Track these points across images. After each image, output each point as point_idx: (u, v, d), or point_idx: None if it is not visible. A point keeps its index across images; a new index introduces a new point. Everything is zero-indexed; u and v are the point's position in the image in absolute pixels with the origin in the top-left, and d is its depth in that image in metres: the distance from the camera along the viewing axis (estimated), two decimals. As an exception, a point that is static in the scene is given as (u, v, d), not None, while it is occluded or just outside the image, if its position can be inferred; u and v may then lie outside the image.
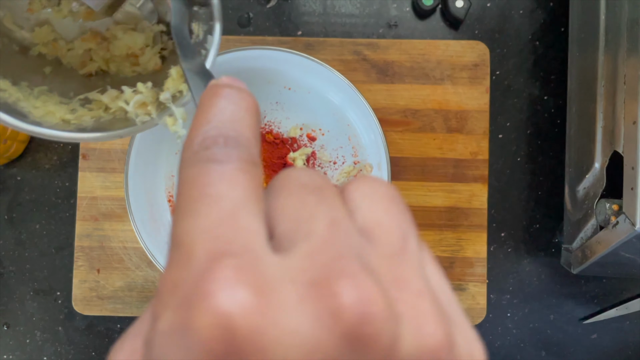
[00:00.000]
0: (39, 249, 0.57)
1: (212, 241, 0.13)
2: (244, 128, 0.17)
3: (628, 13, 0.43)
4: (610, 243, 0.43)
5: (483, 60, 0.57)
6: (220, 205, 0.14)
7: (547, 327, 0.58)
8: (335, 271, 0.13)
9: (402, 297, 0.14)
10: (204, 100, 0.17)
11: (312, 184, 0.16)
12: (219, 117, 0.17)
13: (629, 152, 0.41)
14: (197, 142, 0.16)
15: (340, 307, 0.13)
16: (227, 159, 0.15)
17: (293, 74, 0.53)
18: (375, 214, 0.16)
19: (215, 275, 0.13)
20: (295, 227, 0.15)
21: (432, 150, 0.56)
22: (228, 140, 0.16)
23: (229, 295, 0.12)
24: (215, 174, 0.15)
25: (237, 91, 0.18)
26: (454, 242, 0.56)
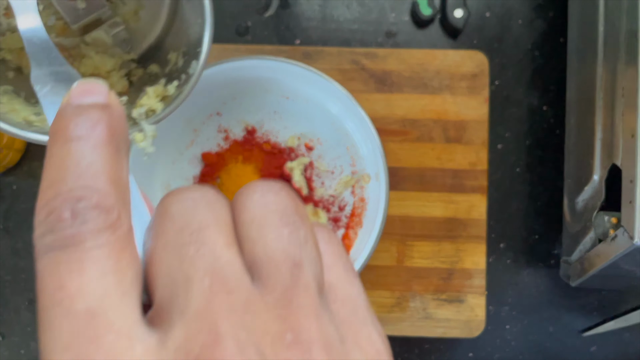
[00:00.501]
0: (34, 258, 0.57)
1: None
2: (93, 179, 0.14)
3: (626, 25, 0.42)
4: (608, 256, 0.43)
5: (482, 70, 0.56)
6: (72, 314, 0.13)
7: (546, 339, 0.58)
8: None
9: (289, 356, 0.13)
10: (47, 146, 0.15)
11: (192, 223, 0.14)
12: (61, 173, 0.14)
13: (628, 165, 0.40)
14: (40, 218, 0.14)
15: None
16: (73, 240, 0.13)
17: (291, 84, 0.53)
18: (265, 245, 0.15)
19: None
20: (170, 297, 0.14)
21: (431, 160, 0.56)
22: (74, 212, 0.14)
23: None
24: (62, 267, 0.13)
25: (83, 118, 0.15)
26: (453, 253, 0.55)
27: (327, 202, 0.54)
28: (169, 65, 0.40)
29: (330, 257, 0.17)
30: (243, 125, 0.55)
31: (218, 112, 0.55)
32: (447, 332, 0.55)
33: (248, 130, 0.55)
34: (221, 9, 0.58)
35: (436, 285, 0.55)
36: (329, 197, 0.54)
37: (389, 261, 0.55)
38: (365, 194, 0.54)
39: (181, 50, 0.39)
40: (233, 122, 0.55)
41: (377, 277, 0.55)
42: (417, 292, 0.55)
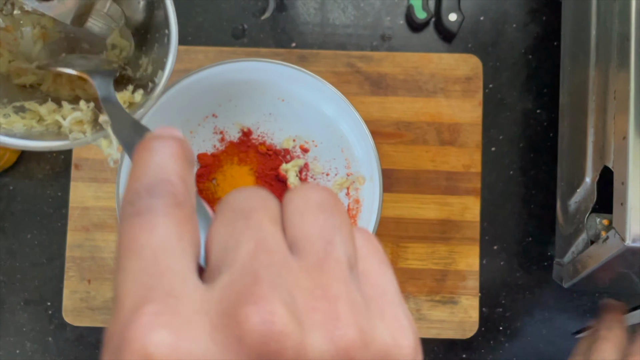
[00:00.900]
0: (30, 259, 0.57)
1: (136, 291, 0.15)
2: (167, 174, 0.18)
3: (618, 28, 0.43)
4: (600, 258, 0.43)
5: (476, 73, 0.57)
6: (141, 256, 0.16)
7: (539, 341, 0.58)
8: (244, 298, 0.15)
9: (317, 306, 0.16)
10: (134, 157, 0.19)
11: (245, 207, 0.18)
12: (144, 170, 0.18)
13: (619, 167, 0.41)
14: (126, 200, 0.18)
15: (243, 333, 0.14)
16: (148, 209, 0.17)
17: (286, 86, 0.54)
18: (304, 226, 0.17)
19: (136, 324, 0.15)
20: (222, 256, 0.17)
21: (425, 162, 0.56)
22: (150, 191, 0.17)
23: (148, 339, 0.14)
24: (137, 227, 0.17)
25: (163, 141, 0.19)
26: (446, 254, 0.56)
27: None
28: (139, 70, 0.40)
29: (367, 250, 0.19)
30: (239, 127, 0.55)
31: (214, 113, 0.55)
32: (440, 333, 0.55)
33: (244, 132, 0.55)
34: (218, 11, 0.59)
35: (430, 287, 0.55)
36: (324, 199, 0.54)
37: (383, 263, 0.55)
38: (360, 195, 0.54)
39: (151, 57, 0.39)
40: (229, 123, 0.55)
41: (372, 279, 0.55)
42: (411, 293, 0.55)
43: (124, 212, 0.17)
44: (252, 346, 0.14)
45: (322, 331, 0.15)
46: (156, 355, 0.14)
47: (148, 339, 0.14)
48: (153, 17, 0.39)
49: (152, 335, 0.14)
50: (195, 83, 0.50)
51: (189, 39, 0.58)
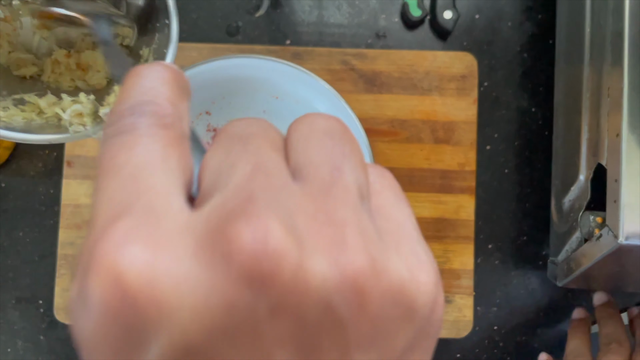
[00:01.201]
0: (21, 256, 0.57)
1: (111, 208, 0.13)
2: (154, 96, 0.16)
3: (612, 26, 0.43)
4: (594, 256, 0.43)
5: (471, 71, 0.57)
6: (120, 175, 0.14)
7: (534, 340, 0.58)
8: (235, 215, 0.13)
9: (320, 230, 0.13)
10: (125, 82, 0.17)
11: (242, 133, 0.16)
12: (129, 93, 0.16)
13: (612, 164, 0.41)
14: (108, 122, 0.16)
15: (232, 250, 0.12)
16: (129, 128, 0.15)
17: (281, 83, 0.53)
18: (308, 152, 0.15)
19: (108, 238, 0.13)
20: (214, 180, 0.15)
21: (420, 160, 0.56)
22: (133, 110, 0.16)
23: (119, 254, 0.12)
24: (116, 146, 0.15)
25: (153, 66, 0.17)
26: (441, 253, 0.55)
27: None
28: (140, 61, 0.40)
29: (380, 184, 0.17)
30: (232, 125, 0.55)
31: (207, 111, 0.55)
32: (435, 333, 0.55)
33: (237, 129, 0.55)
34: (212, 8, 0.58)
35: (424, 286, 0.55)
36: (318, 197, 0.54)
37: (377, 261, 0.55)
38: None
39: (152, 47, 0.39)
40: (222, 121, 0.55)
41: (366, 277, 0.55)
42: (405, 292, 0.55)
43: (104, 134, 0.16)
44: (241, 266, 0.12)
45: (326, 255, 0.13)
46: (128, 273, 0.12)
47: (119, 254, 0.12)
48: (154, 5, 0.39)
49: (124, 250, 0.12)
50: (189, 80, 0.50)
51: (183, 36, 0.58)
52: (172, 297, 0.12)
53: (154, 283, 0.12)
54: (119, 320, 0.12)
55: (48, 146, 0.57)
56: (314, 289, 0.13)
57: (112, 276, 0.12)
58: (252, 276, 0.12)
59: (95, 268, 0.12)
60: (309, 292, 0.13)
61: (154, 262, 0.12)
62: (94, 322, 0.13)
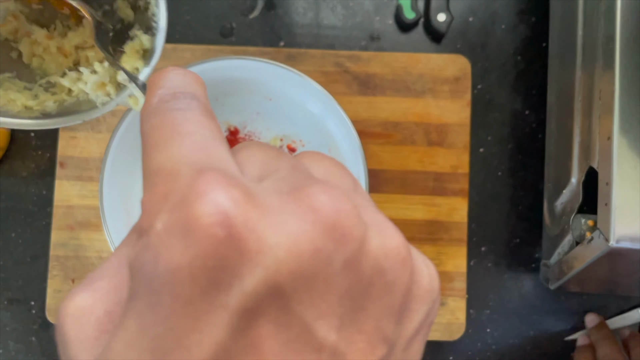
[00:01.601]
0: (13, 257, 0.57)
1: (194, 162, 0.14)
2: (196, 90, 0.17)
3: (604, 29, 0.43)
4: (585, 259, 0.43)
5: (464, 74, 0.57)
6: (192, 139, 0.15)
7: (527, 343, 0.58)
8: (306, 184, 0.15)
9: (364, 212, 0.15)
10: (153, 77, 0.18)
11: (270, 146, 0.18)
12: (171, 83, 0.17)
13: (604, 167, 0.41)
14: (154, 100, 0.17)
15: (317, 204, 0.14)
16: (189, 107, 0.16)
17: (274, 85, 0.53)
18: (327, 170, 0.18)
19: (207, 179, 0.13)
20: (263, 168, 0.16)
21: (413, 163, 0.56)
22: (186, 94, 0.17)
23: (223, 192, 0.13)
24: (181, 117, 0.16)
25: (182, 69, 0.18)
26: (434, 256, 0.55)
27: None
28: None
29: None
30: (226, 126, 0.55)
31: (200, 112, 0.55)
32: (427, 335, 0.55)
33: (231, 131, 0.55)
34: (206, 9, 0.58)
35: (417, 288, 0.55)
36: (311, 199, 0.54)
37: (370, 263, 0.55)
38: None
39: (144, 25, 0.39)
40: (215, 122, 0.55)
41: (358, 279, 0.55)
42: (397, 294, 0.55)
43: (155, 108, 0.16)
44: (326, 216, 0.14)
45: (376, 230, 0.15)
46: (234, 208, 0.13)
47: (223, 191, 0.13)
48: None
49: (226, 188, 0.13)
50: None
51: (177, 37, 0.58)
52: (272, 236, 0.13)
53: (255, 221, 0.13)
54: (220, 251, 0.13)
55: (41, 146, 0.57)
56: (373, 253, 0.15)
57: (219, 209, 0.13)
58: (335, 228, 0.14)
59: (201, 201, 0.13)
60: (370, 254, 0.15)
61: (253, 204, 0.13)
62: (194, 251, 0.13)
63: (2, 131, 0.55)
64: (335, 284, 0.14)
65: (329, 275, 0.14)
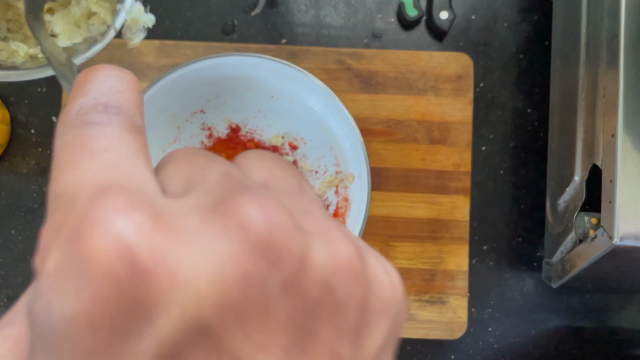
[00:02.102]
0: (14, 255, 0.56)
1: (99, 182, 0.12)
2: (125, 99, 0.15)
3: (607, 26, 0.43)
4: (589, 257, 0.43)
5: (467, 72, 0.56)
6: (104, 156, 0.13)
7: (528, 342, 0.57)
8: (236, 194, 0.13)
9: (308, 220, 0.14)
10: (80, 78, 0.16)
11: (200, 152, 0.16)
12: (97, 89, 0.15)
13: (607, 165, 0.41)
14: (73, 112, 0.15)
15: (246, 218, 0.12)
16: (109, 121, 0.14)
17: (276, 82, 0.53)
18: (269, 169, 0.16)
19: (105, 204, 0.11)
20: (188, 181, 0.15)
21: (415, 161, 0.56)
22: (108, 108, 0.15)
23: (124, 218, 0.11)
24: (97, 133, 0.14)
25: (115, 68, 0.16)
26: (435, 254, 0.55)
27: (311, 201, 0.54)
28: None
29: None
30: (227, 124, 0.55)
31: (202, 109, 0.54)
32: (429, 334, 0.55)
33: (232, 128, 0.55)
34: (207, 6, 0.58)
35: (418, 286, 0.55)
36: (313, 197, 0.54)
37: (371, 261, 0.55)
38: (349, 193, 0.54)
39: None
40: (217, 120, 0.55)
41: (360, 278, 0.55)
42: (399, 292, 0.55)
43: (71, 121, 0.14)
44: (256, 234, 0.12)
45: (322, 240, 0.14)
46: (136, 239, 0.11)
47: (124, 219, 0.11)
48: None
49: (128, 215, 0.11)
50: (183, 77, 0.49)
51: (178, 34, 0.58)
52: (187, 266, 0.11)
53: (166, 250, 0.11)
54: (123, 292, 0.11)
55: (42, 143, 0.57)
56: (318, 269, 0.13)
57: (118, 241, 0.11)
58: (267, 246, 0.12)
59: (95, 232, 0.11)
60: (314, 270, 0.13)
61: (163, 230, 0.11)
62: (91, 295, 0.11)
63: (2, 128, 0.55)
64: (274, 310, 0.12)
65: (265, 302, 0.12)
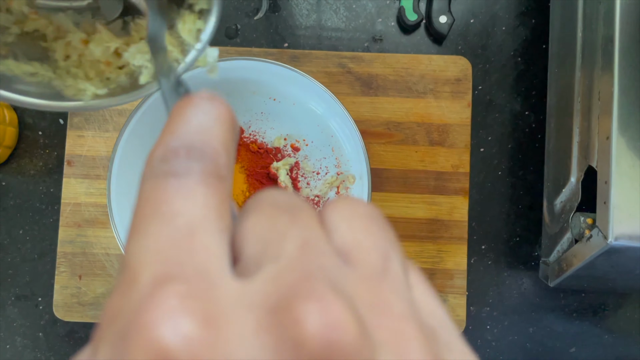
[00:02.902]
0: (21, 254, 0.58)
1: (161, 264, 0.12)
2: (211, 138, 0.15)
3: (603, 31, 0.44)
4: (584, 256, 0.44)
5: (465, 75, 0.58)
6: (173, 224, 0.13)
7: (526, 340, 0.58)
8: (300, 294, 0.12)
9: (382, 323, 0.13)
10: (172, 112, 0.16)
11: (286, 204, 0.15)
12: (184, 127, 0.15)
13: (602, 166, 0.42)
14: (157, 155, 0.15)
15: (302, 335, 0.11)
16: (187, 172, 0.14)
17: (278, 85, 0.54)
18: (354, 234, 0.15)
19: (157, 304, 0.11)
20: (263, 249, 0.14)
21: (414, 162, 0.57)
22: (191, 151, 0.14)
23: (170, 327, 0.11)
24: (171, 189, 0.14)
25: (209, 100, 0.16)
26: (435, 253, 0.56)
27: (312, 202, 0.55)
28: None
29: (415, 277, 0.16)
30: (230, 126, 0.56)
31: (206, 112, 0.55)
32: (428, 332, 0.56)
33: (235, 130, 0.56)
34: (211, 11, 0.59)
35: (418, 285, 0.56)
36: (314, 198, 0.55)
37: (372, 261, 0.56)
38: (350, 194, 0.55)
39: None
40: (221, 122, 0.55)
41: (361, 277, 0.56)
42: (399, 291, 0.56)
43: (153, 168, 0.14)
44: (311, 356, 0.11)
45: (393, 353, 0.12)
46: (178, 352, 0.11)
47: (169, 327, 0.11)
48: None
49: (175, 322, 0.11)
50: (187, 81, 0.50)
51: (182, 38, 0.59)
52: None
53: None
54: None
55: (49, 145, 0.58)
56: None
57: (158, 352, 0.11)
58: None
59: (138, 339, 0.11)
60: None
61: (209, 343, 0.11)
62: None
63: (10, 130, 0.56)
64: None
65: None
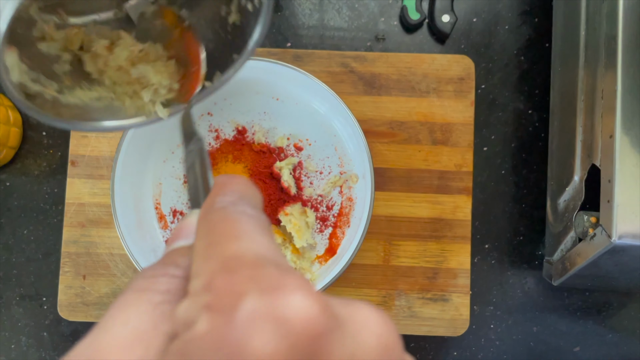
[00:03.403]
0: (26, 254, 0.58)
1: (272, 258, 0.16)
2: (252, 197, 0.20)
3: (606, 29, 0.44)
4: (588, 255, 0.44)
5: (468, 74, 0.57)
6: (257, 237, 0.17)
7: (530, 339, 0.58)
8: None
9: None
10: (220, 180, 0.21)
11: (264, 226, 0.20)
12: (234, 189, 0.20)
13: (606, 165, 0.42)
14: (217, 203, 0.19)
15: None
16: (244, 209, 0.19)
17: (281, 85, 0.54)
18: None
19: (294, 277, 0.15)
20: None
21: (418, 161, 0.57)
22: (243, 200, 0.19)
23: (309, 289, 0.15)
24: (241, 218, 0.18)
25: (244, 179, 0.21)
26: (438, 253, 0.56)
27: (316, 201, 0.55)
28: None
29: None
30: (234, 126, 0.56)
31: (209, 112, 0.56)
32: (431, 331, 0.56)
33: (238, 130, 0.56)
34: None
35: (421, 285, 0.56)
36: (317, 197, 0.55)
37: (375, 260, 0.56)
38: (353, 193, 0.55)
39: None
40: (224, 122, 0.56)
41: (364, 276, 0.56)
42: (402, 290, 0.56)
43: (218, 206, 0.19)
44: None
45: None
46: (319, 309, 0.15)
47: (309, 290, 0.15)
48: None
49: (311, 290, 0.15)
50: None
51: (185, 38, 0.59)
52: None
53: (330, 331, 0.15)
54: (310, 347, 0.14)
55: (53, 145, 0.58)
56: None
57: (316, 305, 0.15)
58: None
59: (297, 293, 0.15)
60: None
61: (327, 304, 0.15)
62: (288, 343, 0.14)
63: (14, 131, 0.56)
64: None
65: None
